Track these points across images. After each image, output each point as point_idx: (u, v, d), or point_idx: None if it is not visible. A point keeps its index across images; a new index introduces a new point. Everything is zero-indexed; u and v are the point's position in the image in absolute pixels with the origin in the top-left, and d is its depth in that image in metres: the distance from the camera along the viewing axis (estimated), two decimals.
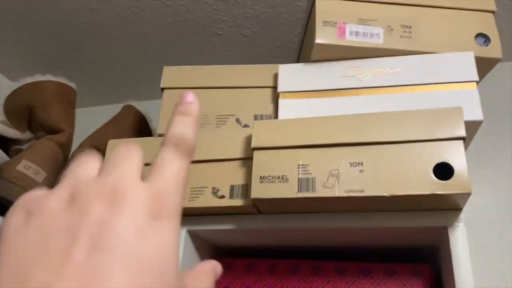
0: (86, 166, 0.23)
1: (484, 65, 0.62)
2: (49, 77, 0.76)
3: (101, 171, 0.22)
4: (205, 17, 0.90)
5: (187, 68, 0.71)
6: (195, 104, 0.26)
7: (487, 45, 0.63)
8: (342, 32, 0.62)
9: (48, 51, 1.02)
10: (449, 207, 0.53)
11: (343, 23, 0.62)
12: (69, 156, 0.75)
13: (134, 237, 0.19)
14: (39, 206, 0.20)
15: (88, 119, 0.95)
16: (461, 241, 0.52)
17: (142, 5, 0.88)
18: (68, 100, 0.77)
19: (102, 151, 0.76)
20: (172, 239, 0.20)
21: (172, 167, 0.23)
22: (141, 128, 0.84)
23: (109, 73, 1.09)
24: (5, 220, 0.21)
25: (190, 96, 0.26)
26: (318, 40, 0.61)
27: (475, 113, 0.56)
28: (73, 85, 0.79)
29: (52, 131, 0.74)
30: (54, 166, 0.71)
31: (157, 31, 0.95)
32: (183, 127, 0.25)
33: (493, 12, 0.65)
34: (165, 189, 0.21)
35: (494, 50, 0.62)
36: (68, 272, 0.17)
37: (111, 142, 0.68)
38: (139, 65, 1.05)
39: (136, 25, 0.93)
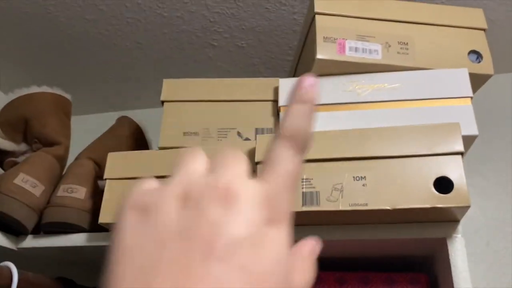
0: (195, 162, 0.21)
1: (476, 81, 0.65)
2: (45, 89, 0.75)
3: (210, 170, 0.21)
4: (201, 28, 0.90)
5: (187, 80, 0.72)
6: (315, 89, 0.23)
7: (479, 62, 0.65)
8: (342, 48, 0.63)
9: (42, 60, 1.01)
10: (447, 219, 0.55)
11: (343, 39, 0.64)
12: (66, 169, 0.75)
13: (250, 246, 0.18)
14: (154, 203, 0.19)
15: (80, 127, 0.94)
16: (460, 252, 0.54)
17: (138, 16, 0.88)
18: (64, 112, 0.77)
19: (100, 163, 0.75)
20: (286, 247, 0.19)
21: (287, 165, 0.21)
22: (138, 139, 0.84)
23: (102, 82, 1.08)
24: (120, 218, 0.20)
25: (310, 79, 0.23)
26: (319, 56, 0.62)
27: (470, 128, 0.59)
28: (68, 96, 0.79)
29: (48, 143, 0.73)
30: (51, 179, 0.70)
31: (152, 41, 0.95)
32: (300, 119, 0.22)
33: (484, 30, 0.68)
34: (279, 190, 0.20)
35: (486, 66, 0.65)
36: (189, 281, 0.17)
37: (111, 155, 0.68)
38: (133, 75, 1.05)
39: (131, 35, 0.93)
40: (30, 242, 0.69)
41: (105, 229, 0.66)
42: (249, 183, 0.20)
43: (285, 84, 0.67)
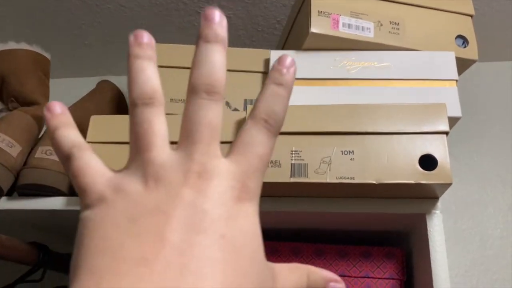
0: (158, 139, 0.21)
1: (461, 65, 0.67)
2: (24, 45, 0.72)
3: (179, 146, 0.21)
4: None
5: (176, 46, 0.70)
6: (292, 71, 0.22)
7: (465, 47, 0.67)
8: (336, 23, 0.64)
9: (18, 19, 0.96)
10: (428, 195, 0.57)
11: (337, 14, 0.64)
12: (44, 130, 0.72)
13: (225, 220, 0.19)
14: (119, 189, 0.20)
15: (57, 91, 0.90)
16: (437, 228, 0.56)
17: None
18: (43, 71, 0.73)
19: (81, 127, 0.73)
20: (257, 222, 0.21)
21: (259, 148, 0.21)
22: (119, 104, 0.82)
23: (81, 45, 1.04)
24: (84, 212, 0.20)
25: (289, 60, 0.23)
26: (313, 30, 0.62)
27: (454, 109, 0.61)
28: (48, 55, 0.75)
29: (26, 102, 0.70)
30: (29, 140, 0.68)
31: (136, 5, 0.92)
32: (276, 102, 0.22)
33: (471, 16, 0.69)
34: (250, 171, 0.21)
35: (471, 52, 0.67)
36: (165, 249, 0.17)
37: (94, 118, 0.66)
38: (114, 39, 1.02)
39: None
40: (4, 204, 0.67)
41: None
42: (222, 164, 0.21)
43: (276, 56, 0.66)
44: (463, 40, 0.68)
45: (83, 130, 0.72)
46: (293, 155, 0.56)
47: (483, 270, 0.86)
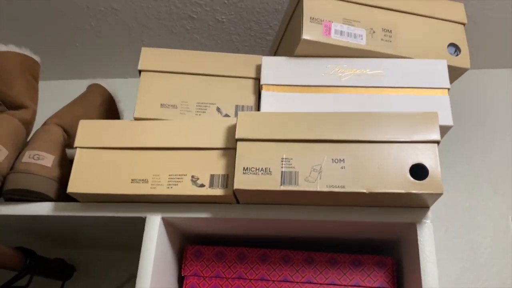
0: None
1: (453, 73, 0.67)
2: (12, 48, 0.70)
3: None
4: None
5: (168, 51, 0.69)
6: None
7: (457, 55, 0.67)
8: (328, 30, 0.63)
9: (8, 20, 0.95)
10: (419, 205, 0.57)
11: (329, 21, 0.64)
12: (32, 134, 0.71)
13: None
14: None
15: (46, 93, 0.89)
16: (428, 237, 0.56)
17: None
18: (31, 74, 0.72)
19: (69, 131, 0.72)
20: None
21: None
22: (109, 108, 0.81)
23: (72, 47, 1.03)
24: None
25: None
26: (305, 36, 0.62)
27: (446, 118, 0.61)
28: (37, 58, 0.74)
29: (14, 106, 0.69)
30: (16, 144, 0.67)
31: (128, 8, 0.91)
32: None
33: (463, 24, 0.69)
34: None
35: (463, 60, 0.67)
36: None
37: (82, 122, 0.65)
38: (105, 41, 1.01)
39: None
40: None
41: (71, 199, 0.64)
42: None
43: (268, 63, 0.66)
44: (455, 48, 0.68)
45: (72, 135, 0.71)
46: (283, 162, 0.56)
47: (474, 279, 0.86)
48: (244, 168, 0.56)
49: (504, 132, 0.97)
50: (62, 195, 0.65)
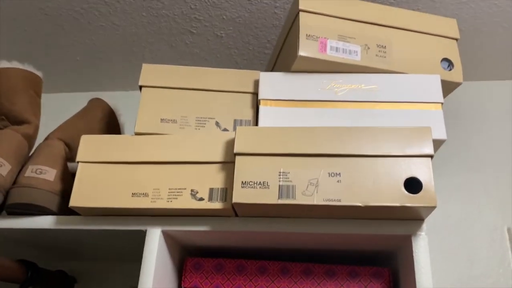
0: None
1: (446, 88, 0.68)
2: (15, 64, 0.72)
3: None
4: (181, 14, 0.89)
5: (168, 67, 0.71)
6: None
7: (450, 70, 0.69)
8: (323, 47, 0.65)
9: (12, 35, 0.96)
10: (413, 217, 0.58)
11: (325, 38, 0.65)
12: (34, 149, 0.72)
13: None
14: None
15: (48, 106, 0.91)
16: (423, 249, 0.57)
17: None
18: (34, 89, 0.74)
19: (71, 145, 0.73)
20: None
21: None
22: (110, 122, 0.82)
23: (73, 61, 1.05)
24: None
25: None
26: (301, 53, 0.64)
27: (439, 132, 0.62)
28: (40, 74, 0.76)
29: (17, 121, 0.71)
30: (19, 159, 0.68)
31: (129, 23, 0.93)
32: None
33: (456, 39, 0.71)
34: None
35: (456, 74, 0.68)
36: None
37: (84, 137, 0.66)
38: (106, 56, 1.02)
39: (108, 15, 0.91)
40: None
41: (72, 212, 0.65)
42: None
43: (266, 78, 0.68)
44: (448, 63, 0.69)
45: (74, 149, 0.72)
46: (281, 176, 0.57)
47: None
48: (242, 182, 0.57)
49: (499, 143, 0.99)
50: (64, 209, 0.66)
